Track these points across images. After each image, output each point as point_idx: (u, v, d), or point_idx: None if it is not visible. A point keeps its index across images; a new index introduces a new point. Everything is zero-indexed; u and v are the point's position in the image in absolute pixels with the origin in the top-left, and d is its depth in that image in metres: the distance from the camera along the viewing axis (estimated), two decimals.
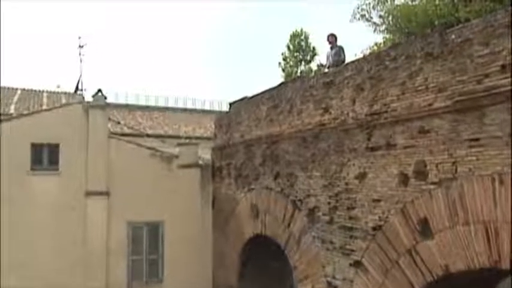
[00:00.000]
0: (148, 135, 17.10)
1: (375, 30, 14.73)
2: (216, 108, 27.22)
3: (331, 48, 10.84)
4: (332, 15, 44.85)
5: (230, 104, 12.85)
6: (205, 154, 13.76)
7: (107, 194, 12.18)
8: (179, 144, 13.83)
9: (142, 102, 24.07)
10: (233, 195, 11.92)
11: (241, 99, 12.08)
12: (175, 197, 12.60)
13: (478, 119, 5.69)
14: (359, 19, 14.89)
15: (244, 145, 11.47)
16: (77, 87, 20.06)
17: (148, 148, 13.01)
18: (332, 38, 10.84)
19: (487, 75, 5.60)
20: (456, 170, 5.91)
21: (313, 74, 22.06)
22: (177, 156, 13.16)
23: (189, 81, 49.29)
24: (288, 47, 26.17)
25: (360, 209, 7.48)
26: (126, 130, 16.98)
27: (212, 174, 13.25)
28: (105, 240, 12.04)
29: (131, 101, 23.66)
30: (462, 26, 6.15)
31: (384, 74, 7.15)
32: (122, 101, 22.96)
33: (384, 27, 14.51)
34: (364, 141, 7.44)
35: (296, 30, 26.26)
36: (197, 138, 17.73)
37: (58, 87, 20.14)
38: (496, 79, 5.49)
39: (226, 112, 13.25)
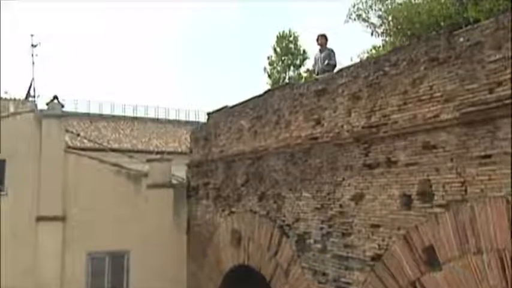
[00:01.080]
0: (113, 150, 17.00)
1: (372, 32, 14.73)
2: (193, 118, 27.22)
3: (321, 51, 10.97)
4: (325, 14, 45.55)
5: (208, 115, 12.87)
6: (179, 172, 13.74)
7: (62, 219, 11.99)
8: (149, 160, 13.79)
9: (106, 111, 23.99)
10: (211, 219, 11.85)
11: (221, 109, 12.11)
12: (143, 222, 12.49)
13: (490, 132, 5.73)
14: (355, 19, 14.87)
15: (224, 161, 11.48)
16: (28, 94, 19.86)
17: (113, 165, 12.92)
18: (322, 40, 10.95)
19: (499, 84, 5.66)
20: (466, 190, 5.94)
21: (303, 80, 22.35)
22: (146, 175, 13.09)
23: (162, 88, 49.48)
24: (275, 50, 26.53)
25: (356, 235, 7.46)
26: (87, 143, 16.86)
27: (187, 195, 13.20)
28: (59, 273, 11.78)
29: (94, 110, 23.58)
30: (471, 28, 6.24)
31: (384, 81, 7.22)
32: (82, 109, 22.86)
33: (383, 28, 14.56)
34: (361, 157, 7.47)
35: (284, 31, 26.61)
36: (170, 153, 17.75)
37: (6, 93, 19.98)
38: (509, 88, 5.53)
39: (204, 123, 13.26)
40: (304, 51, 26.23)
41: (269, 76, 26.14)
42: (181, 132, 23.88)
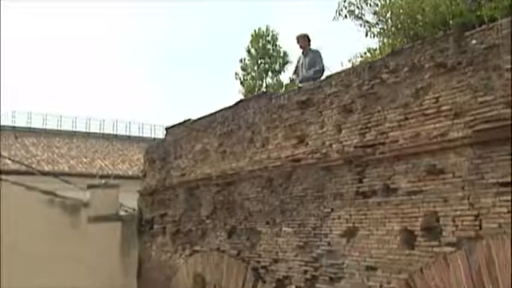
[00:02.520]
0: (44, 173, 16.75)
1: (367, 32, 14.92)
2: (148, 134, 27.09)
3: (304, 54, 11.07)
4: (309, 12, 46.00)
5: (167, 130, 12.86)
6: (129, 201, 13.69)
7: None
8: (91, 187, 13.60)
9: (37, 124, 23.69)
10: (169, 260, 11.76)
11: (183, 123, 12.12)
12: (82, 264, 12.25)
13: (510, 155, 5.78)
14: (346, 16, 15.03)
15: (186, 188, 11.48)
16: None
17: (44, 192, 12.69)
18: (304, 41, 11.01)
19: None
20: (481, 225, 5.99)
21: (283, 89, 22.47)
22: (87, 204, 12.91)
23: (112, 98, 49.18)
24: (249, 52, 26.62)
25: (348, 280, 7.45)
26: (10, 165, 16.56)
27: (139, 231, 13.10)
28: None
29: (20, 122, 23.20)
30: (486, 28, 6.33)
31: (381, 91, 7.30)
32: (5, 122, 22.44)
33: (379, 27, 14.74)
34: (354, 183, 7.52)
35: (260, 29, 26.70)
36: (118, 177, 17.80)
37: None
38: None
39: (162, 140, 13.24)
40: (285, 53, 26.55)
41: (242, 83, 26.24)
42: (132, 151, 23.75)
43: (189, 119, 11.97)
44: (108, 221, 12.95)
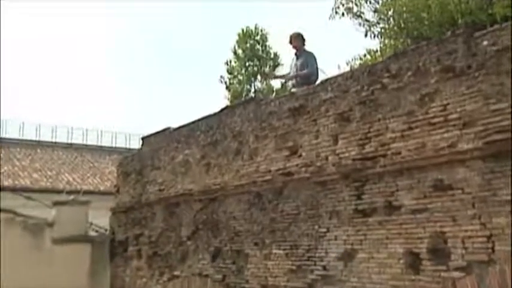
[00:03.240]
0: (3, 188, 16.59)
1: (367, 32, 14.88)
2: (121, 144, 26.86)
3: (297, 56, 11.01)
4: (303, 9, 45.94)
5: (143, 139, 12.83)
6: (100, 219, 13.61)
7: None
8: (57, 204, 13.51)
9: None
10: (144, 287, 11.66)
11: (161, 132, 12.08)
12: None
13: None
14: (343, 14, 14.98)
15: (164, 205, 11.43)
16: None
17: (3, 210, 12.57)
18: (297, 41, 10.94)
19: None
20: (493, 248, 5.98)
21: (274, 94, 22.36)
22: (51, 224, 12.80)
23: (80, 104, 48.89)
24: (236, 53, 26.57)
25: None
26: None
27: (111, 253, 13.01)
28: None
29: None
30: (498, 28, 6.39)
31: (382, 97, 7.34)
32: None
33: (380, 27, 14.69)
34: (352, 200, 7.53)
35: (248, 28, 26.68)
36: (88, 192, 17.63)
37: None
38: None
39: (138, 152, 13.18)
40: (275, 54, 26.58)
41: (227, 88, 26.21)
42: (104, 163, 23.61)
43: (169, 128, 11.91)
44: (76, 242, 12.85)
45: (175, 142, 11.44)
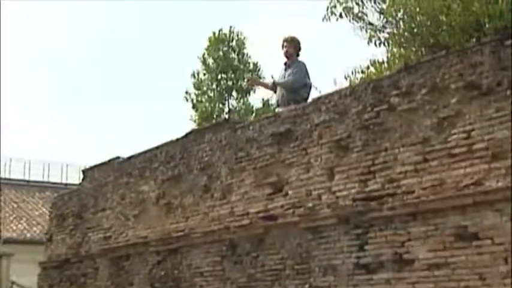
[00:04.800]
0: None
1: (371, 38, 13.95)
2: (56, 179, 25.90)
3: (287, 65, 10.15)
4: (292, 10, 44.87)
5: (84, 172, 12.54)
6: (25, 277, 13.28)
7: None
8: None
9: None
10: None
11: (108, 163, 11.72)
12: None
13: None
14: (341, 16, 13.91)
15: (110, 257, 11.04)
16: None
17: None
18: (291, 47, 10.12)
19: None
20: None
21: (253, 116, 21.51)
22: None
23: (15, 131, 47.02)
24: (205, 63, 24.39)
25: None
26: None
27: None
28: None
29: None
30: None
31: (389, 121, 7.13)
32: None
33: (388, 32, 13.86)
34: (353, 252, 7.25)
35: (221, 32, 24.41)
36: (10, 241, 17.29)
37: None
38: None
39: (76, 188, 12.97)
40: (255, 64, 24.56)
41: (194, 107, 24.08)
42: (32, 202, 22.64)
43: (118, 157, 11.53)
44: None
45: (126, 176, 11.12)
